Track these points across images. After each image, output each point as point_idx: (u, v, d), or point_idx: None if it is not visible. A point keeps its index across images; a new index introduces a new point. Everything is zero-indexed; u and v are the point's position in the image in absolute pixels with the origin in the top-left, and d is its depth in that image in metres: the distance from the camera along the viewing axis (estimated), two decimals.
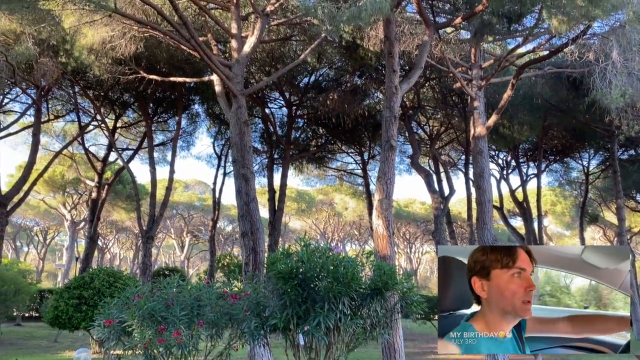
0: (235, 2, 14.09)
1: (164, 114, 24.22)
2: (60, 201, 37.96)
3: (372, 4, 7.99)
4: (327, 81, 21.19)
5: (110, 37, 14.01)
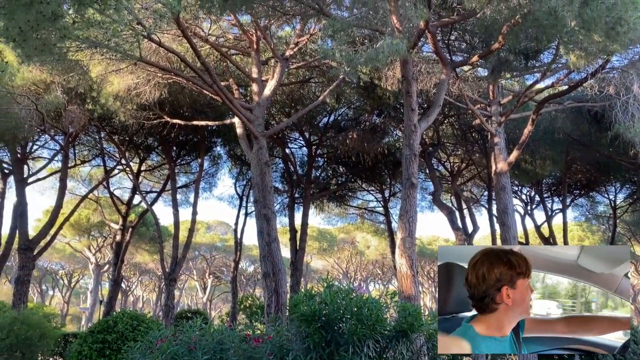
0: (255, 47, 14.53)
1: (187, 157, 24.65)
2: (85, 244, 38.48)
3: (389, 46, 8.14)
4: (346, 120, 21.43)
5: (136, 84, 14.52)
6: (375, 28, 11.16)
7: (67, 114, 17.16)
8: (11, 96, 15.11)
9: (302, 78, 18.40)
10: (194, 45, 11.35)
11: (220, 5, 8.79)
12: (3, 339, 12.80)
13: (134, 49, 9.78)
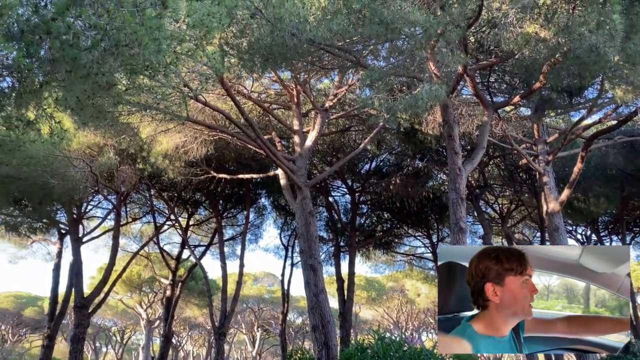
0: (296, 101, 14.94)
1: (233, 209, 25.09)
2: (137, 300, 39.15)
3: (428, 92, 8.19)
4: (388, 166, 21.40)
5: (183, 142, 15.08)
6: (413, 75, 11.29)
7: (119, 174, 17.91)
8: (68, 160, 15.94)
9: (342, 127, 18.66)
10: (238, 103, 11.78)
11: (262, 64, 9.14)
12: None
13: (181, 109, 10.24)
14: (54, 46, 4.47)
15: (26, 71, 4.48)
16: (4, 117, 6.11)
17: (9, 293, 49.50)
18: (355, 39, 9.48)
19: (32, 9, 4.78)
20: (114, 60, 4.60)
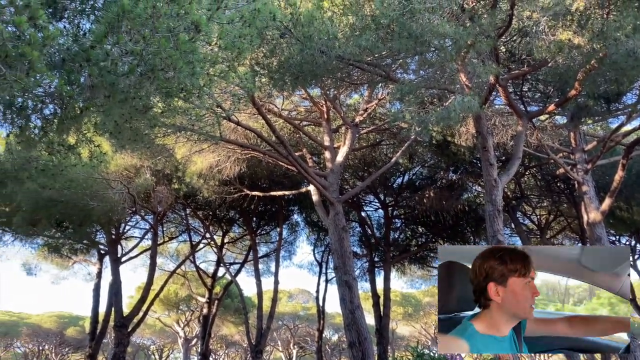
0: (326, 117, 15.02)
1: (266, 227, 25.24)
2: (174, 319, 39.61)
3: (461, 104, 8.11)
4: (421, 179, 21.19)
5: (217, 161, 15.33)
6: (444, 87, 11.21)
7: (155, 194, 18.31)
8: (106, 182, 16.40)
9: (373, 141, 18.62)
10: (269, 121, 11.93)
11: (292, 83, 9.26)
12: None
13: (215, 130, 10.43)
14: (93, 73, 4.64)
15: (67, 98, 4.65)
16: (46, 143, 6.35)
17: (52, 313, 50.90)
18: (384, 54, 9.50)
19: (72, 39, 4.99)
20: (150, 84, 4.74)
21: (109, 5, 4.70)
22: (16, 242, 21.86)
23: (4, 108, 5.30)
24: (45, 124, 5.74)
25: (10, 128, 6.01)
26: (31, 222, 18.22)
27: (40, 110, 5.22)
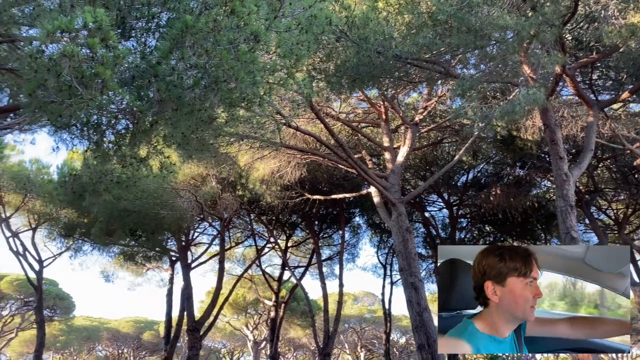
0: (384, 117, 14.91)
1: (329, 230, 25.37)
2: (243, 322, 40.59)
3: (526, 97, 7.81)
4: (487, 177, 20.56)
5: (278, 167, 15.61)
6: (507, 81, 10.83)
7: (221, 201, 18.88)
8: (175, 191, 17.10)
9: (434, 140, 18.28)
10: (327, 125, 12.00)
11: (349, 85, 9.27)
12: None
13: (275, 136, 10.64)
14: (161, 88, 4.86)
15: (138, 113, 4.90)
16: (120, 156, 6.71)
17: (129, 318, 53.58)
18: (442, 50, 9.32)
19: (140, 56, 5.25)
20: (214, 95, 4.91)
21: (172, 21, 4.92)
22: (94, 251, 23.26)
23: (81, 125, 5.65)
24: (118, 139, 6.07)
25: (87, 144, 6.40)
26: (107, 232, 19.32)
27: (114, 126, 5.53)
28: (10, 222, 22.43)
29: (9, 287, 37.73)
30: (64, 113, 4.46)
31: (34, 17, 5.64)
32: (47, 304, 31.11)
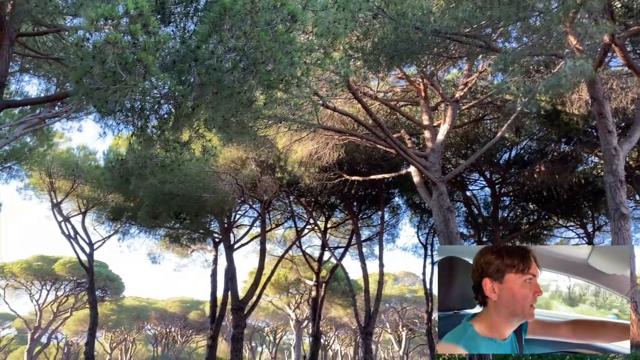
0: (423, 95, 14.65)
1: (368, 210, 25.33)
2: (285, 302, 41.33)
3: (572, 69, 7.50)
4: (530, 153, 19.97)
5: (316, 149, 15.63)
6: (551, 53, 10.41)
7: (261, 184, 19.14)
8: (217, 175, 17.43)
9: (475, 117, 17.86)
10: (365, 105, 11.91)
11: (387, 63, 9.14)
12: None
13: (313, 117, 10.64)
14: (201, 71, 4.93)
15: (180, 97, 5.00)
16: (163, 141, 6.88)
17: (176, 298, 55.41)
18: (483, 23, 9.04)
19: (179, 41, 5.34)
20: (253, 77, 4.95)
21: (210, 5, 4.96)
22: (141, 234, 24.08)
23: (125, 111, 5.82)
24: (161, 123, 6.23)
25: (131, 129, 6.59)
26: (153, 215, 19.93)
27: (157, 111, 5.67)
28: (62, 207, 23.46)
29: (63, 269, 39.64)
30: (109, 99, 4.60)
31: (77, 7, 5.80)
32: (98, 285, 32.50)
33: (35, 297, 43.06)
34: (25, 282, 41.85)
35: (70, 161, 21.51)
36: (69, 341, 56.55)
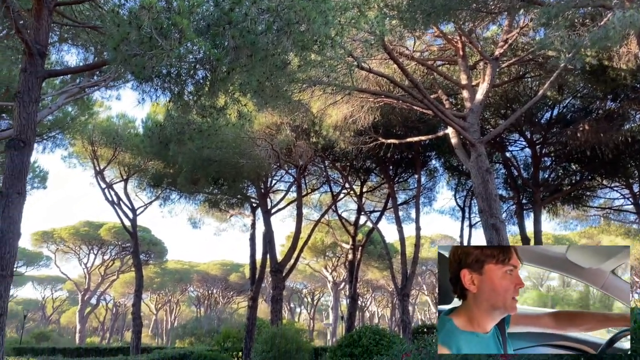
0: (461, 54, 14.20)
1: (404, 174, 25.14)
2: (322, 265, 42.01)
3: (621, 20, 7.09)
4: (574, 112, 19.23)
5: (351, 112, 15.48)
6: (598, 4, 9.85)
7: (296, 149, 19.18)
8: (252, 140, 17.56)
9: (515, 75, 17.23)
10: (401, 65, 11.64)
11: (424, 20, 8.86)
12: (268, 351, 14.67)
13: (347, 80, 10.49)
14: (235, 34, 4.90)
15: (215, 61, 5.00)
16: (199, 107, 6.94)
17: (217, 261, 57.14)
18: None
19: (213, 4, 5.29)
20: (287, 39, 4.89)
21: None
22: (181, 199, 24.73)
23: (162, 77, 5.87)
24: (197, 89, 6.27)
25: (168, 96, 6.67)
26: (192, 181, 20.37)
27: (193, 76, 5.69)
28: (105, 174, 24.23)
29: (108, 234, 41.32)
30: (146, 65, 4.64)
31: None
32: (142, 249, 33.74)
33: (84, 260, 45.26)
34: (73, 246, 43.94)
35: (110, 129, 22.09)
36: (116, 302, 59.47)
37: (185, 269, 56.40)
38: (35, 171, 22.72)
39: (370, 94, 14.11)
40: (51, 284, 60.58)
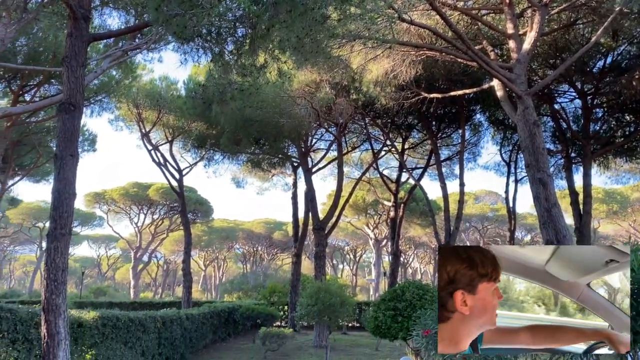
0: (508, 1, 13.52)
1: (447, 129, 24.65)
2: (364, 222, 42.28)
3: None
4: (629, 59, 18.12)
5: (392, 66, 15.11)
6: None
7: (336, 107, 19.05)
8: (292, 99, 17.53)
9: (565, 22, 16.31)
10: (444, 15, 11.20)
11: None
12: (313, 304, 15.10)
13: (388, 33, 10.21)
14: None
15: (255, 18, 4.96)
16: (239, 66, 6.95)
17: (260, 220, 58.46)
18: None
19: None
20: None
21: None
22: (225, 159, 25.23)
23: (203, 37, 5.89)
24: (237, 48, 6.26)
25: (209, 56, 6.70)
26: (235, 141, 20.67)
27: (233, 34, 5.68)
28: (150, 136, 24.86)
29: (156, 194, 42.77)
30: (187, 24, 4.66)
31: None
32: (189, 209, 34.81)
33: (134, 220, 47.19)
34: (124, 207, 45.81)
35: (154, 92, 22.50)
36: (167, 259, 62.18)
37: (231, 227, 58.02)
38: (84, 134, 23.57)
39: (411, 47, 13.71)
40: (105, 242, 63.74)
